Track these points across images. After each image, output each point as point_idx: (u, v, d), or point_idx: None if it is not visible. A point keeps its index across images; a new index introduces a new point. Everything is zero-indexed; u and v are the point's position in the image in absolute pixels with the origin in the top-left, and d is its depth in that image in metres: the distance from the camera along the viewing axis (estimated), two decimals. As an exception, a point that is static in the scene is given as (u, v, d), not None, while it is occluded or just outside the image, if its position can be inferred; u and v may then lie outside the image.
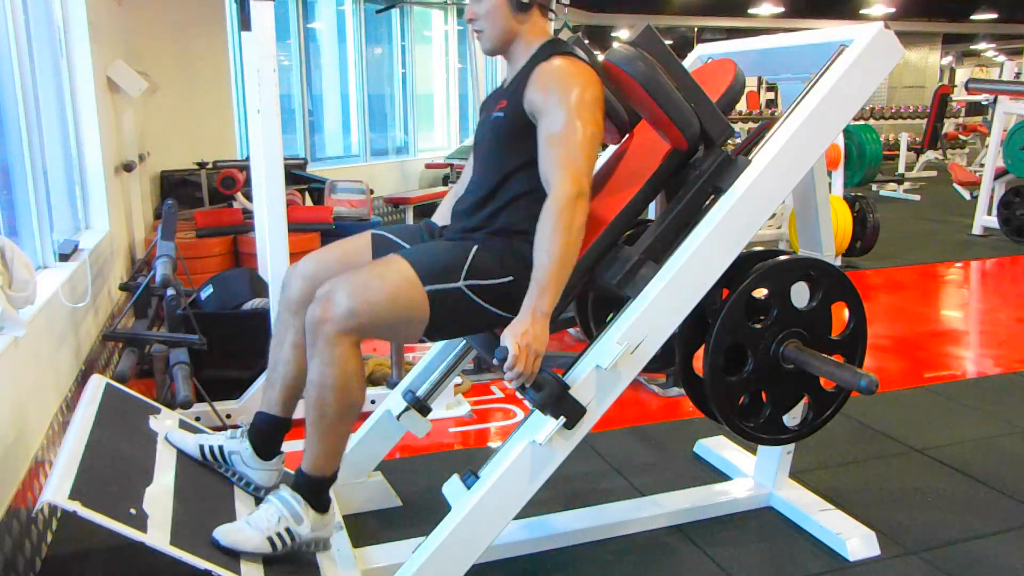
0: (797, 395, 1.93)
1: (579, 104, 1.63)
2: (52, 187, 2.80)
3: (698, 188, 1.73)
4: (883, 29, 1.74)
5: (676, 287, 1.67)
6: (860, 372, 1.72)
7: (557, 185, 1.59)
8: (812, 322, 1.87)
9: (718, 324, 1.77)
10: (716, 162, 1.72)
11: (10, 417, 1.83)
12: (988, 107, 11.45)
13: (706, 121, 1.70)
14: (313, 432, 1.67)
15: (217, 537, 1.62)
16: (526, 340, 1.52)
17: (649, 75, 1.63)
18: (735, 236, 1.70)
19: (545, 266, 1.56)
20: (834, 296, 1.89)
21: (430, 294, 1.63)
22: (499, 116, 1.77)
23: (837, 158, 5.83)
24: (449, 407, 3.00)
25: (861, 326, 1.94)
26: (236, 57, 5.98)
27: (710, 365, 1.80)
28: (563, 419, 1.60)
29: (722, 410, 1.86)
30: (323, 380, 1.61)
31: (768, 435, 1.93)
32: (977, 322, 4.57)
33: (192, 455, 1.90)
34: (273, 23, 2.52)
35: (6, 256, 1.85)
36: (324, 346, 1.59)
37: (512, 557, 2.03)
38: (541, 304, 1.56)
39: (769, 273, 1.81)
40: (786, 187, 1.76)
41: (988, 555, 2.07)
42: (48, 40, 3.07)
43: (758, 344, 1.83)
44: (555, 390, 1.60)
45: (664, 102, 1.64)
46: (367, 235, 1.89)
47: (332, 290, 1.60)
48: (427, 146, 9.22)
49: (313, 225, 4.78)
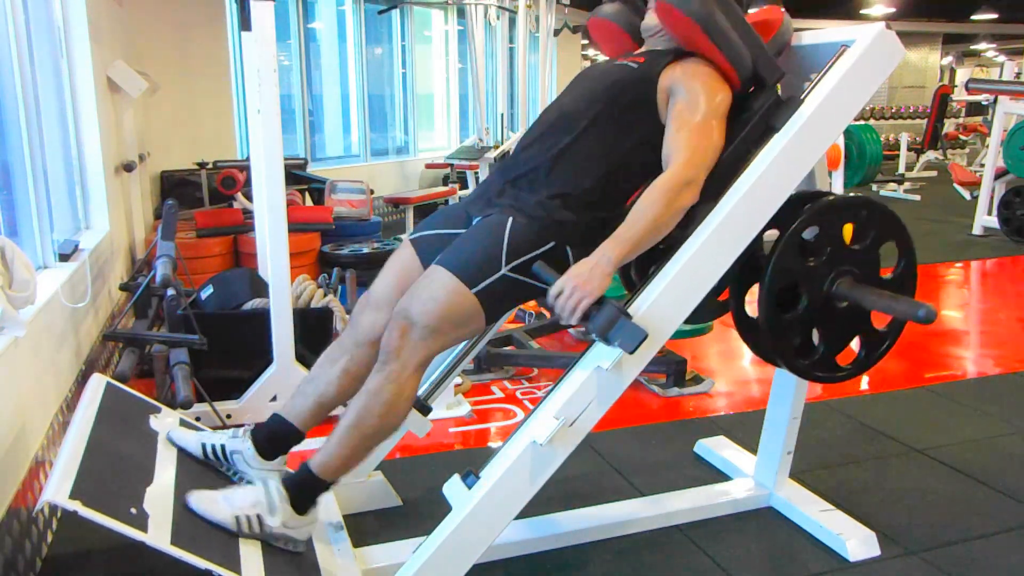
0: (851, 333, 1.94)
1: (719, 108, 1.72)
2: (52, 187, 2.80)
3: (752, 126, 1.75)
4: (884, 29, 1.74)
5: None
6: (917, 303, 1.72)
7: (678, 163, 1.67)
8: (863, 261, 1.88)
9: (772, 263, 1.79)
10: (769, 101, 1.75)
11: (10, 417, 1.83)
12: (988, 107, 11.47)
13: (759, 61, 1.75)
14: (341, 435, 1.67)
15: (189, 499, 1.66)
16: (579, 281, 1.57)
17: (705, 14, 1.68)
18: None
19: (635, 224, 1.62)
20: (885, 235, 1.90)
21: (478, 294, 1.65)
22: (631, 65, 1.81)
23: (837, 158, 5.84)
24: (449, 407, 2.99)
25: (911, 264, 1.94)
26: (236, 57, 5.98)
27: (765, 304, 1.81)
28: (619, 346, 1.57)
29: (778, 348, 1.87)
30: (379, 392, 1.64)
31: (824, 372, 1.94)
32: (977, 322, 4.57)
33: (194, 453, 1.90)
34: (273, 23, 2.52)
35: (6, 256, 1.84)
36: (396, 368, 1.64)
37: (512, 557, 2.03)
38: (612, 254, 1.61)
39: (821, 212, 1.81)
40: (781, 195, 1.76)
41: (988, 555, 2.07)
42: (48, 40, 3.07)
43: (811, 282, 1.84)
44: (612, 314, 1.57)
45: (719, 40, 1.71)
46: (408, 245, 1.88)
47: (404, 319, 1.64)
48: (427, 146, 9.22)
49: (313, 225, 4.78)
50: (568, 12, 9.13)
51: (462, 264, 1.67)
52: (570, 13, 9.30)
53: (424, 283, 1.68)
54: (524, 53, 7.58)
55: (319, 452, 1.70)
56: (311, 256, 4.88)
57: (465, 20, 8.22)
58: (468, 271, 1.66)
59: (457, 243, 1.75)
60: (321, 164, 7.32)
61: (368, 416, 1.65)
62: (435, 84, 9.60)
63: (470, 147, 8.01)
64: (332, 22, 8.12)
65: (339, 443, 1.68)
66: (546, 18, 7.71)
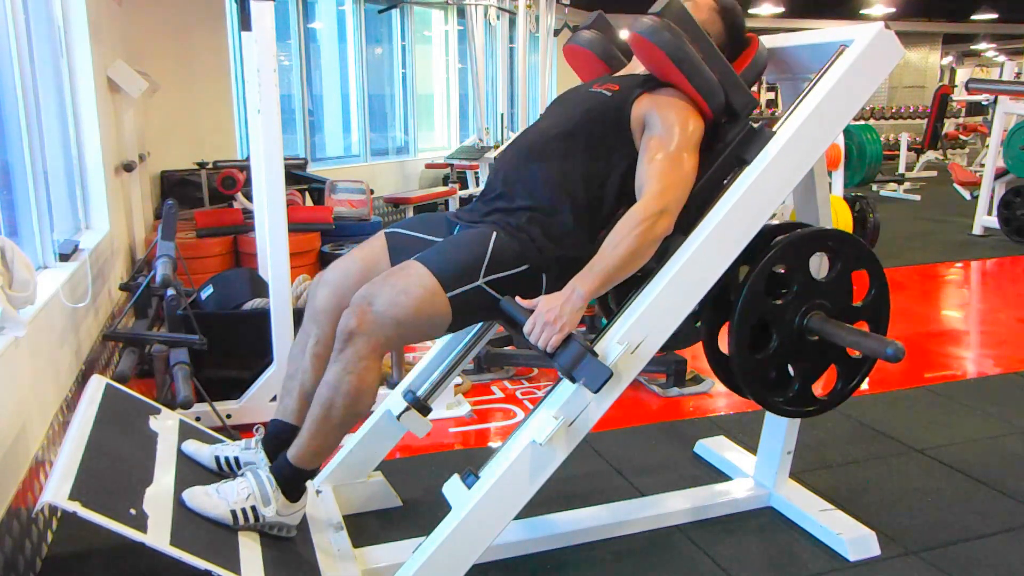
0: (824, 365, 1.93)
1: (691, 138, 1.70)
2: (52, 187, 2.79)
3: (724, 158, 1.74)
4: (883, 29, 1.74)
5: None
6: (886, 340, 1.71)
7: (650, 194, 1.65)
8: (834, 292, 1.87)
9: (740, 302, 1.77)
10: (742, 133, 1.74)
11: (10, 417, 1.83)
12: (988, 107, 11.45)
13: (731, 92, 1.73)
14: (311, 428, 1.68)
15: (184, 498, 1.67)
16: (550, 316, 1.56)
17: (675, 45, 1.67)
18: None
19: (606, 257, 1.61)
20: (853, 264, 1.90)
21: (452, 299, 1.64)
22: (605, 93, 1.81)
23: (837, 158, 5.83)
24: (449, 407, 2.99)
25: (883, 292, 1.94)
26: (236, 57, 5.98)
27: (735, 343, 1.80)
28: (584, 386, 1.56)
29: (751, 387, 1.86)
30: (339, 384, 1.63)
31: (798, 407, 1.93)
32: (977, 322, 4.57)
33: (208, 466, 1.91)
34: (273, 23, 2.51)
35: (6, 256, 1.84)
36: (351, 355, 1.62)
37: (512, 557, 2.03)
38: (583, 288, 1.59)
39: (787, 248, 1.81)
40: (784, 191, 1.75)
41: (988, 555, 2.07)
42: (48, 40, 3.07)
43: (782, 319, 1.83)
44: (577, 352, 1.56)
45: (690, 72, 1.69)
46: (382, 236, 1.89)
47: (365, 303, 1.61)
48: (427, 146, 9.22)
49: (313, 225, 4.78)
50: (568, 12, 9.13)
51: (442, 265, 1.66)
52: (570, 13, 9.29)
53: (400, 274, 1.66)
54: (524, 53, 7.58)
55: (293, 444, 1.71)
56: (311, 256, 4.88)
57: (465, 20, 8.21)
58: (447, 274, 1.65)
59: (440, 245, 1.76)
60: (321, 164, 7.31)
61: (333, 408, 1.65)
62: (435, 84, 9.60)
63: (470, 147, 8.01)
64: (332, 22, 8.12)
65: (311, 435, 1.69)
66: (546, 18, 7.70)
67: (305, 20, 7.14)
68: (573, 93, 1.94)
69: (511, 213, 1.75)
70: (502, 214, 1.76)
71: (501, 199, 1.79)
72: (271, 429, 1.87)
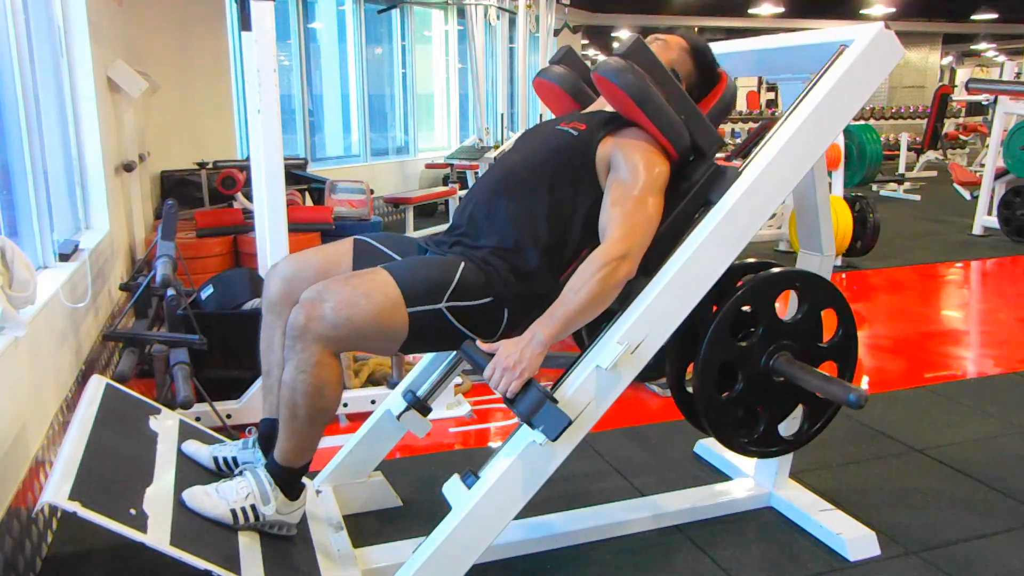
0: (791, 406, 1.93)
1: (655, 181, 1.68)
2: (52, 187, 2.80)
3: (688, 200, 1.72)
4: (883, 29, 1.74)
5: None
6: (849, 386, 1.71)
7: (613, 238, 1.63)
8: (801, 332, 1.86)
9: (705, 344, 1.76)
10: (707, 174, 1.72)
11: (10, 417, 1.83)
12: (988, 107, 11.47)
13: (696, 133, 1.71)
14: (284, 428, 1.68)
15: (184, 498, 1.67)
16: (509, 362, 1.55)
17: (638, 87, 1.65)
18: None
19: (567, 303, 1.59)
20: (821, 304, 1.89)
21: (411, 315, 1.62)
22: (572, 132, 1.80)
23: (837, 158, 5.82)
24: (449, 407, 3.00)
25: (851, 332, 1.93)
26: (236, 57, 5.98)
27: (700, 385, 1.79)
28: (542, 432, 1.55)
29: (715, 429, 1.85)
30: (295, 384, 1.60)
31: (763, 448, 1.92)
32: (977, 322, 4.57)
33: (207, 467, 1.91)
34: (273, 23, 2.52)
35: (6, 256, 1.84)
36: (302, 353, 1.59)
37: (512, 557, 2.03)
38: (543, 334, 1.57)
39: (753, 290, 1.79)
40: (781, 193, 1.75)
41: (988, 555, 2.07)
42: (48, 40, 3.07)
43: (747, 360, 1.82)
44: (536, 399, 1.55)
45: (653, 114, 1.66)
46: (349, 241, 1.88)
47: (318, 300, 1.58)
48: (427, 146, 9.23)
49: (313, 225, 4.78)
50: (568, 12, 9.13)
51: (408, 280, 1.64)
52: (570, 13, 9.30)
53: (365, 278, 1.64)
54: (524, 53, 7.59)
55: (276, 444, 1.71)
56: (311, 256, 4.87)
57: (465, 20, 8.22)
58: (412, 289, 1.63)
59: (410, 260, 1.76)
60: (321, 164, 7.32)
61: (297, 408, 1.63)
62: (435, 84, 9.60)
63: (470, 147, 8.02)
64: (332, 22, 8.12)
65: (286, 435, 1.68)
66: (546, 18, 7.71)
67: (305, 20, 7.15)
68: (543, 128, 1.94)
69: (475, 249, 1.76)
70: (466, 248, 1.77)
71: (466, 237, 1.79)
72: (262, 427, 1.87)
